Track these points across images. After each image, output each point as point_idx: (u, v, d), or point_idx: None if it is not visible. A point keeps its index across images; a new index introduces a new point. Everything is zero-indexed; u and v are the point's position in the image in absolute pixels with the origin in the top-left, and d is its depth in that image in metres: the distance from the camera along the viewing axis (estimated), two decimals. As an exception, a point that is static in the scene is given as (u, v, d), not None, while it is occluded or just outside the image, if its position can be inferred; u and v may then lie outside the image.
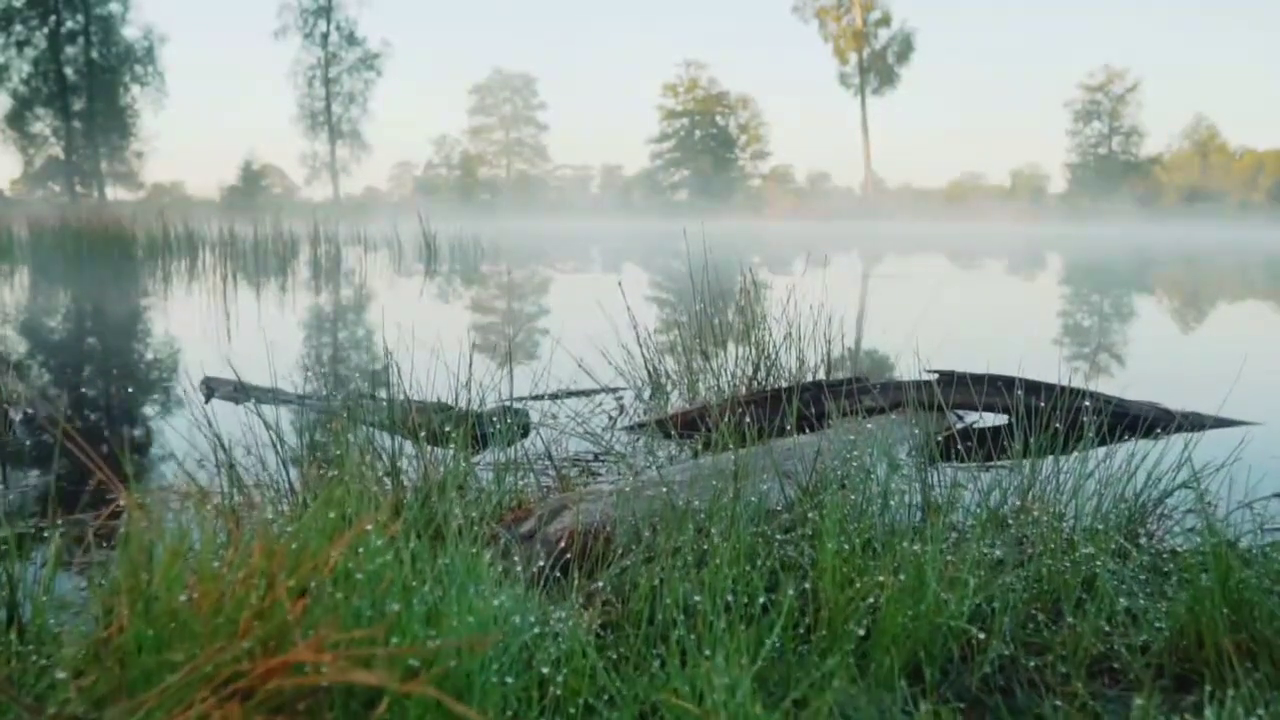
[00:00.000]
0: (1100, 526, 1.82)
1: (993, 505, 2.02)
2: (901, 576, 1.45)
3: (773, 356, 3.37)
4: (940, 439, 2.81)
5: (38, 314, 7.45)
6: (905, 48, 62.19)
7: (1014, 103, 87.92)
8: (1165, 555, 1.84)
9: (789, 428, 2.55)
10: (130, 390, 3.92)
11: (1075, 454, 2.16)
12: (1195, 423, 3.10)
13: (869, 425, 2.73)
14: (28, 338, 5.93)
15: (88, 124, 52.11)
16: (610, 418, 3.20)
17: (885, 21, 62.00)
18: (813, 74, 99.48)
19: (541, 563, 1.73)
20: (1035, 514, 1.78)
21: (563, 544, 1.80)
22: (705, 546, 1.69)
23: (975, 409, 3.07)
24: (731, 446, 2.16)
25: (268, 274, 12.04)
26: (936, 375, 3.08)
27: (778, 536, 1.72)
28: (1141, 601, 1.56)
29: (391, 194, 65.27)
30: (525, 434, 2.94)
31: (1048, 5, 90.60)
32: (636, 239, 28.15)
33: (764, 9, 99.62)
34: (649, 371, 3.56)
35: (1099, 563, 1.59)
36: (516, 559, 1.74)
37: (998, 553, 1.50)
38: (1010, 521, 1.94)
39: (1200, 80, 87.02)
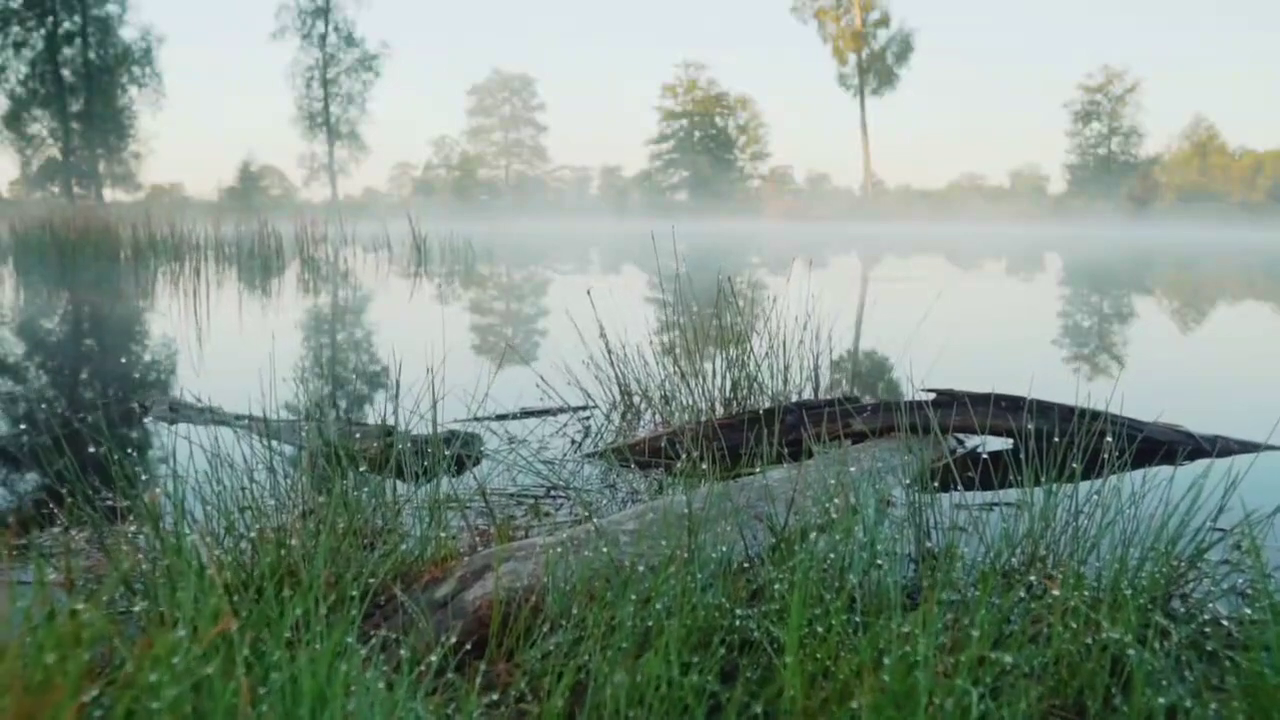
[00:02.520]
0: (1129, 591, 1.51)
1: (1000, 561, 1.71)
2: (887, 677, 1.14)
3: (755, 372, 3.07)
4: (938, 468, 2.50)
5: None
6: (904, 48, 61.92)
7: (1014, 103, 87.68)
8: (1207, 626, 1.54)
9: (764, 459, 2.25)
10: (60, 407, 3.61)
11: (1094, 494, 1.85)
12: (1224, 449, 2.79)
13: (857, 457, 2.42)
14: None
15: (85, 125, 51.86)
16: (573, 441, 2.90)
17: (884, 22, 61.73)
18: (812, 75, 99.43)
19: (451, 639, 1.42)
20: (1053, 591, 1.46)
21: (482, 614, 1.50)
22: (650, 622, 1.38)
23: (977, 432, 2.76)
24: (686, 492, 1.85)
25: (252, 278, 11.73)
26: (933, 395, 2.78)
27: (738, 611, 1.41)
28: (1187, 701, 1.25)
29: (391, 195, 65.03)
30: (476, 462, 2.63)
31: (1048, 5, 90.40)
32: (634, 240, 27.81)
33: (763, 9, 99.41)
34: (620, 389, 3.25)
35: (1131, 651, 1.29)
36: (424, 637, 1.43)
37: (1008, 658, 1.19)
38: (1019, 582, 1.63)
39: (1200, 80, 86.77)
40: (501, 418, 3.11)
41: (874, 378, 4.18)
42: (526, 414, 3.18)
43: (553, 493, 2.30)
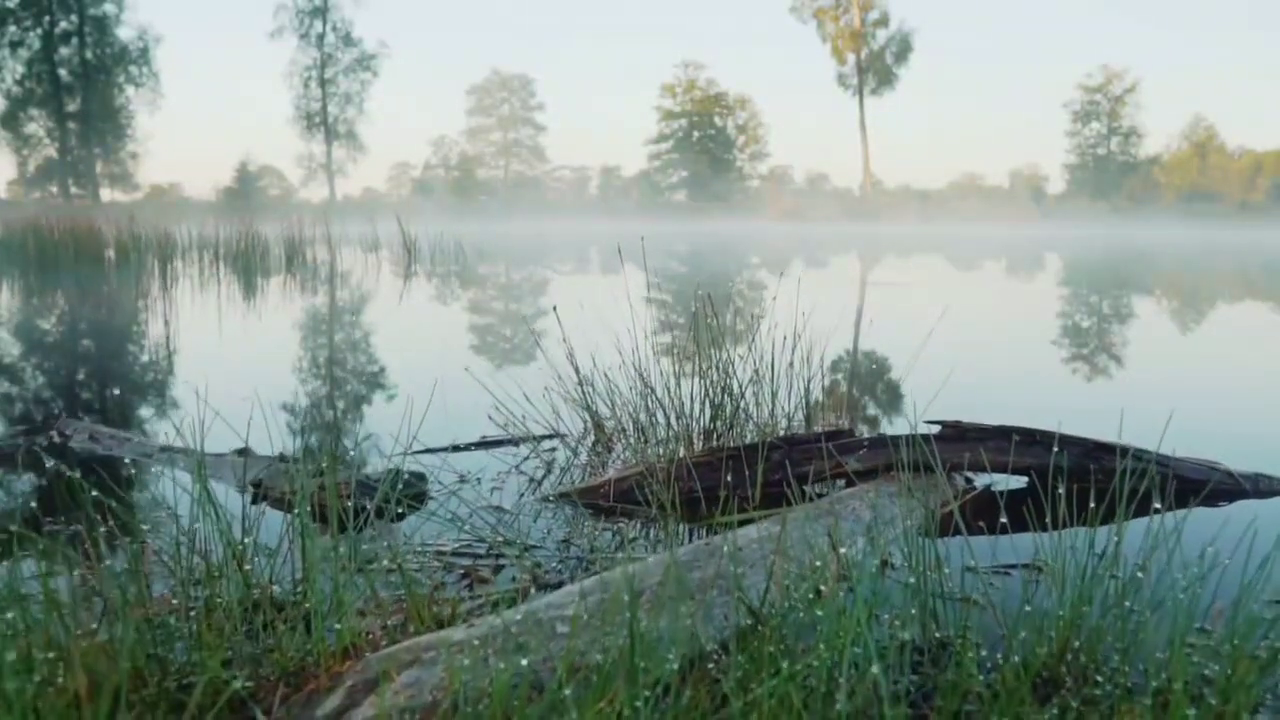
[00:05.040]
0: (1192, 711, 1.19)
1: (1026, 657, 1.39)
2: None
3: (739, 398, 2.74)
4: (944, 514, 2.18)
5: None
6: (903, 48, 61.66)
7: (1013, 103, 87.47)
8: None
9: (743, 506, 1.93)
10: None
11: (1137, 569, 1.52)
12: (1267, 489, 2.47)
13: (851, 505, 2.10)
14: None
15: (82, 125, 51.58)
16: (532, 480, 2.57)
17: (883, 22, 61.45)
18: (811, 75, 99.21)
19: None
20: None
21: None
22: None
23: (988, 471, 2.44)
24: (645, 562, 1.53)
25: (232, 282, 11.41)
26: (938, 428, 2.45)
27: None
28: None
29: (390, 195, 64.76)
30: (401, 513, 2.30)
31: (1048, 5, 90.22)
32: (632, 241, 27.34)
33: (762, 9, 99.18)
34: (591, 415, 2.92)
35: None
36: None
37: None
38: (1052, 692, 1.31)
39: (1200, 80, 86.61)
40: (454, 449, 2.79)
41: (871, 405, 3.85)
42: (483, 444, 2.86)
43: (495, 549, 1.97)
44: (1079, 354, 5.75)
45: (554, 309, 2.95)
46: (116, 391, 4.17)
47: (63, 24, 51.40)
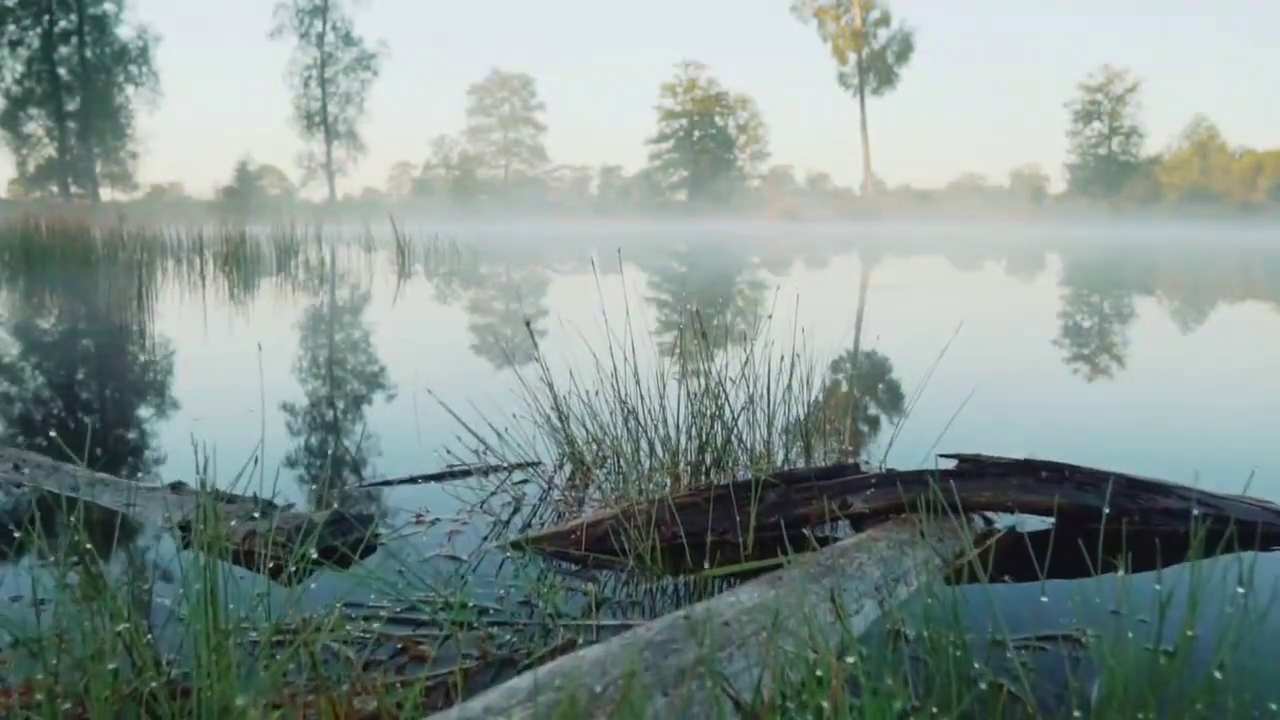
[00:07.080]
0: None
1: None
2: None
3: (731, 425, 2.46)
4: (963, 565, 1.90)
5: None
6: (904, 48, 61.41)
7: (1014, 103, 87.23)
8: None
9: (741, 538, 1.65)
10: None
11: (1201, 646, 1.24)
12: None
13: (857, 559, 1.82)
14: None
15: (82, 125, 51.39)
16: (498, 521, 2.28)
17: (884, 21, 61.21)
18: (811, 74, 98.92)
19: None
20: None
21: None
22: None
23: (1011, 511, 2.16)
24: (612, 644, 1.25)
25: (215, 285, 11.13)
26: (956, 462, 2.18)
27: None
28: None
29: (390, 194, 64.57)
30: (353, 555, 2.03)
31: (1048, 5, 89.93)
32: (633, 240, 27.09)
33: (763, 9, 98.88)
34: (569, 443, 2.64)
35: None
36: None
37: None
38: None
39: (1200, 80, 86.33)
40: (412, 480, 2.51)
41: (879, 434, 3.55)
42: (444, 476, 2.57)
43: (442, 614, 1.68)
44: (1095, 366, 5.46)
45: (527, 324, 2.67)
46: (61, 410, 3.90)
47: (62, 23, 51.27)
